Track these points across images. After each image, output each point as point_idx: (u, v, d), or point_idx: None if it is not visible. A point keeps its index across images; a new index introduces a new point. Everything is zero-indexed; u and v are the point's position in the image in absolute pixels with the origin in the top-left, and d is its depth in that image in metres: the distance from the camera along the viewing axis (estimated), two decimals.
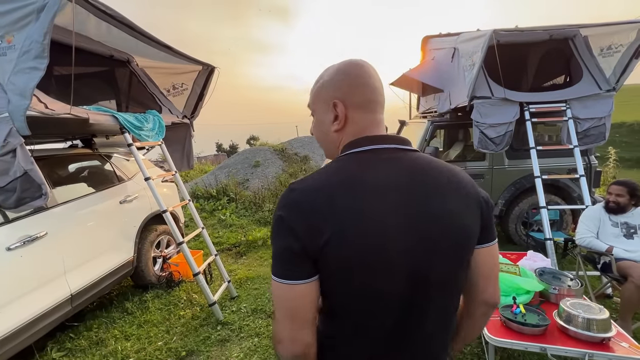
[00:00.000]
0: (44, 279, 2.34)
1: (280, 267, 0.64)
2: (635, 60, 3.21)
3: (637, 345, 1.42)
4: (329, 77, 0.73)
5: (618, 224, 2.49)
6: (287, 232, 0.61)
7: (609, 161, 8.84)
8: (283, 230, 0.62)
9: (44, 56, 1.77)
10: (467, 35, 3.84)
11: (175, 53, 3.10)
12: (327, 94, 0.73)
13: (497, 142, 3.46)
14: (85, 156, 3.19)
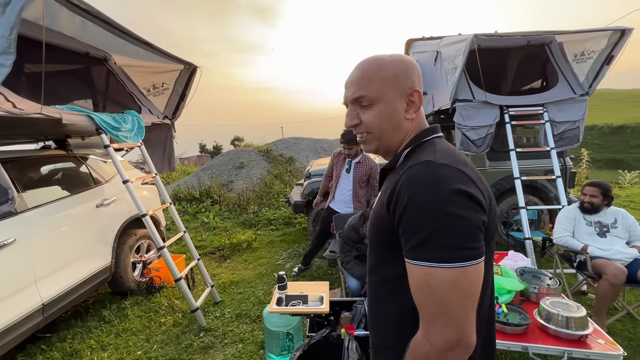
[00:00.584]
0: (13, 288, 2.20)
1: (465, 247, 0.58)
2: (607, 66, 3.36)
3: (612, 342, 1.47)
4: (404, 67, 0.74)
5: (592, 223, 2.59)
6: (476, 205, 0.60)
7: (582, 162, 9.24)
8: (472, 204, 0.60)
9: (10, 52, 1.67)
10: (449, 39, 3.91)
11: (155, 50, 3.00)
12: (404, 83, 0.74)
13: (478, 144, 3.54)
14: (58, 158, 3.04)
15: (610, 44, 3.27)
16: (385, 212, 0.68)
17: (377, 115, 0.74)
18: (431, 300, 0.60)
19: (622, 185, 8.52)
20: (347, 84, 0.78)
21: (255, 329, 2.67)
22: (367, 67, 0.75)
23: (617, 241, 2.46)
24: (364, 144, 0.80)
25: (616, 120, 27.58)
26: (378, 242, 0.76)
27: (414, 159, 0.70)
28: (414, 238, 0.61)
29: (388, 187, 0.71)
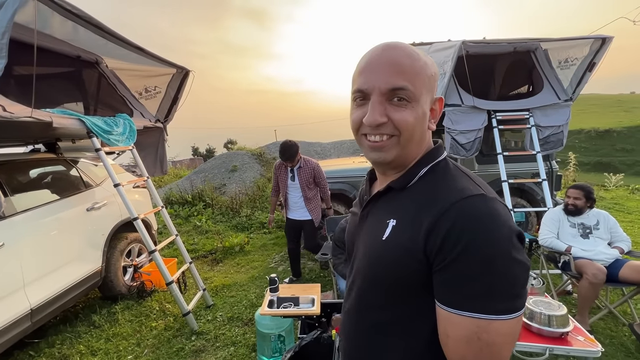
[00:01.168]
0: (0, 293, 2.17)
1: (523, 295, 0.53)
2: (589, 73, 3.48)
3: (592, 339, 1.53)
4: (435, 69, 0.64)
5: (575, 225, 2.67)
6: (524, 249, 0.54)
7: (569, 165, 9.45)
8: (522, 248, 0.53)
9: (1, 56, 1.68)
10: (438, 45, 4.00)
11: (147, 54, 3.01)
12: (435, 88, 0.65)
13: (467, 148, 3.62)
14: (48, 161, 3.02)
15: (592, 52, 3.39)
16: (418, 248, 0.56)
17: (414, 116, 0.60)
18: (482, 355, 0.52)
19: (608, 188, 8.74)
20: (376, 67, 0.60)
21: (247, 332, 2.68)
22: (408, 55, 0.60)
23: (599, 242, 2.55)
24: (379, 150, 0.62)
25: (603, 125, 28.25)
26: (396, 280, 0.60)
27: (445, 186, 0.60)
28: (468, 286, 0.51)
29: (416, 216, 0.59)
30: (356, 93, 0.63)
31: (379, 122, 0.60)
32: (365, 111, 0.61)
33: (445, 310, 0.54)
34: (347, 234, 0.82)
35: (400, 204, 0.64)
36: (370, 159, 0.67)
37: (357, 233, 0.74)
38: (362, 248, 0.69)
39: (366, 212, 0.72)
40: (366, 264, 0.66)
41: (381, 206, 0.68)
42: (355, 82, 0.63)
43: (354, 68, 0.66)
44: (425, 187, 0.62)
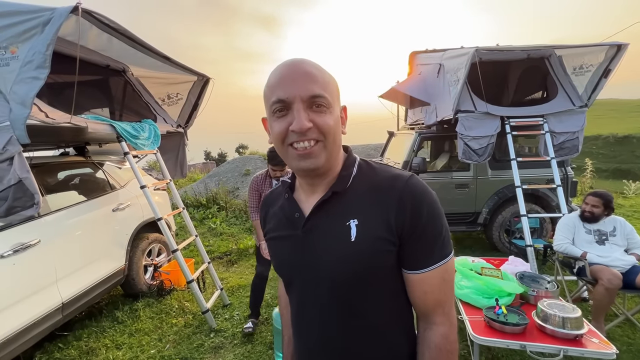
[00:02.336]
0: (36, 287, 2.32)
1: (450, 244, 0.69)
2: (605, 79, 3.47)
3: (606, 341, 1.55)
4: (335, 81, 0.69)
5: (591, 231, 2.66)
6: None
7: (586, 172, 9.26)
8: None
9: (45, 66, 1.83)
10: (451, 52, 4.06)
11: (172, 63, 3.17)
12: (339, 95, 0.70)
13: (480, 154, 3.65)
14: (78, 164, 3.19)
15: (608, 58, 3.39)
16: (391, 232, 0.64)
17: (333, 120, 0.64)
18: (447, 291, 0.68)
19: (627, 195, 8.52)
20: (293, 78, 0.62)
21: (264, 331, 2.76)
22: (316, 68, 0.65)
23: (615, 249, 2.54)
24: (308, 157, 0.63)
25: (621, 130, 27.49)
26: (373, 272, 0.66)
27: (382, 177, 0.69)
28: (435, 243, 0.65)
29: (375, 207, 0.66)
30: (276, 104, 0.63)
31: (307, 126, 0.61)
32: (289, 121, 0.63)
33: (420, 274, 0.66)
34: (283, 262, 0.76)
35: (350, 204, 0.68)
36: (300, 169, 0.66)
37: (302, 252, 0.70)
38: (320, 261, 0.67)
39: (310, 225, 0.69)
40: (334, 272, 0.66)
41: (327, 214, 0.68)
42: (273, 94, 0.63)
43: (265, 85, 0.67)
44: (363, 184, 0.69)
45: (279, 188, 0.84)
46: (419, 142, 4.43)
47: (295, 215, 0.72)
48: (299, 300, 0.75)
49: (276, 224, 0.77)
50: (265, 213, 0.85)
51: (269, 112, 0.66)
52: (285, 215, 0.75)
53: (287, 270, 0.76)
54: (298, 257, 0.71)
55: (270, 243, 0.80)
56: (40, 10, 1.82)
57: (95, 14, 2.01)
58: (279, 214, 0.77)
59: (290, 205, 0.74)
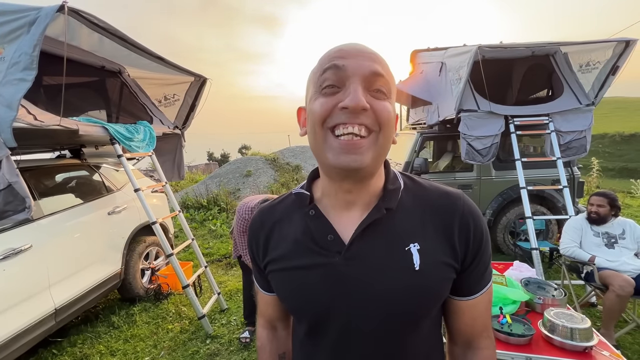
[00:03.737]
0: (28, 293, 2.27)
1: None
2: (612, 76, 3.36)
3: (618, 354, 1.46)
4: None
5: (599, 234, 2.57)
6: None
7: (592, 171, 9.11)
8: None
9: (32, 68, 1.78)
10: (453, 50, 3.97)
11: (167, 64, 3.12)
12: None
13: (483, 154, 3.55)
14: (73, 167, 3.15)
15: (615, 55, 3.29)
16: (455, 259, 0.56)
17: (393, 111, 0.52)
18: (490, 313, 0.65)
19: (635, 195, 8.36)
20: (356, 51, 0.51)
21: None
22: (377, 53, 0.53)
23: (625, 252, 2.44)
24: (353, 149, 0.49)
25: (628, 129, 27.14)
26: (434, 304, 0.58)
27: (431, 192, 0.60)
28: (487, 267, 0.61)
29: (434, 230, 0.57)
30: (328, 72, 0.50)
31: (363, 104, 0.48)
32: (339, 98, 0.49)
33: (472, 300, 0.60)
34: (309, 300, 0.58)
35: (404, 225, 0.56)
36: (339, 165, 0.50)
37: (343, 285, 0.56)
38: (373, 295, 0.55)
39: (356, 250, 0.56)
40: (393, 306, 0.55)
41: (376, 236, 0.56)
42: (325, 62, 0.51)
43: (314, 68, 0.54)
44: (411, 201, 0.58)
45: (286, 201, 0.66)
46: (421, 142, 4.34)
47: (327, 237, 0.57)
48: (334, 347, 0.59)
49: (292, 249, 0.60)
50: (266, 236, 0.64)
51: (314, 89, 0.53)
52: (310, 237, 0.58)
53: (317, 309, 0.58)
54: (336, 292, 0.56)
55: (281, 275, 0.61)
56: (26, 10, 1.77)
57: (82, 13, 1.96)
58: (298, 236, 0.60)
59: (319, 224, 0.58)
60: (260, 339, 0.76)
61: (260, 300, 0.75)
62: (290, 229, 0.61)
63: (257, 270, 0.70)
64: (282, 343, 0.76)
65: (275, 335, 0.76)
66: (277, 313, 0.74)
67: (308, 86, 0.56)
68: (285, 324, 0.77)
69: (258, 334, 0.77)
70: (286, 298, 0.63)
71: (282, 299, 0.65)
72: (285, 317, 0.76)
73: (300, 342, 0.67)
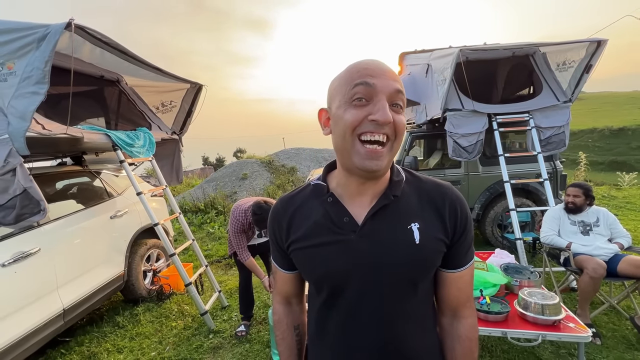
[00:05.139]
0: (37, 294, 2.39)
1: None
2: (587, 74, 3.56)
3: (582, 325, 1.62)
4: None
5: (576, 223, 2.75)
6: None
7: (580, 165, 9.36)
8: None
9: (44, 82, 1.91)
10: (438, 52, 4.15)
11: (164, 74, 3.25)
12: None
13: (469, 151, 3.73)
14: (75, 173, 3.27)
15: (589, 54, 3.49)
16: (447, 236, 0.70)
17: (404, 121, 0.66)
18: (472, 287, 0.78)
19: (621, 187, 8.61)
20: (381, 70, 0.63)
21: (262, 330, 2.82)
22: (394, 71, 0.66)
23: (598, 238, 2.62)
24: (376, 157, 0.63)
25: (616, 123, 27.68)
26: (429, 274, 0.72)
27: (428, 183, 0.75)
28: (470, 245, 0.74)
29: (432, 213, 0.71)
30: (359, 87, 0.62)
31: (390, 119, 0.61)
32: (368, 110, 0.62)
33: (458, 272, 0.73)
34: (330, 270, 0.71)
35: (406, 208, 0.71)
36: (364, 167, 0.64)
37: (358, 257, 0.69)
38: (383, 264, 0.68)
39: (368, 229, 0.69)
40: (398, 274, 0.68)
41: (384, 218, 0.70)
42: (357, 77, 0.63)
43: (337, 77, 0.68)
44: (411, 190, 0.73)
45: (305, 191, 0.79)
46: (411, 141, 4.52)
47: (344, 219, 0.70)
48: (349, 308, 0.71)
49: (313, 229, 0.72)
50: (288, 221, 0.76)
51: (343, 99, 0.64)
52: (329, 219, 0.71)
53: (337, 277, 0.71)
54: (352, 262, 0.69)
55: (305, 252, 0.74)
56: (34, 27, 1.90)
57: (87, 30, 2.09)
58: (318, 219, 0.72)
59: (336, 208, 0.71)
60: (277, 313, 0.88)
61: (278, 279, 0.86)
62: (310, 213, 0.74)
63: (278, 251, 0.81)
64: (296, 316, 0.88)
65: (291, 310, 0.88)
66: (293, 289, 0.86)
67: (333, 93, 0.68)
68: (299, 299, 0.89)
69: (275, 309, 0.89)
70: (310, 270, 0.75)
71: (306, 272, 0.77)
72: (300, 293, 0.89)
73: (317, 310, 0.78)
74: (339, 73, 0.68)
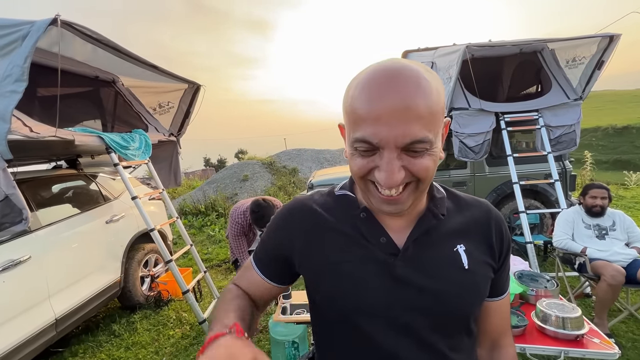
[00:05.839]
0: (28, 304, 2.29)
1: None
2: (598, 71, 3.43)
3: (608, 341, 1.50)
4: (441, 85, 0.52)
5: (591, 226, 2.62)
6: None
7: (586, 164, 9.20)
8: None
9: (23, 79, 1.79)
10: (443, 50, 4.03)
11: (160, 72, 3.14)
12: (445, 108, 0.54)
13: (476, 151, 3.61)
14: (70, 177, 3.16)
15: (600, 50, 3.36)
16: (494, 260, 0.62)
17: (434, 160, 0.51)
18: (510, 312, 0.72)
19: (628, 187, 8.45)
20: (388, 114, 0.46)
21: (262, 339, 2.71)
22: (422, 90, 0.46)
23: (615, 243, 2.49)
24: (395, 203, 0.52)
25: (620, 121, 27.43)
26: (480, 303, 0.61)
27: (467, 200, 0.66)
28: (509, 270, 0.67)
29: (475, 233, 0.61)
30: (358, 144, 0.49)
31: (397, 182, 0.49)
32: (375, 162, 0.50)
33: (500, 300, 0.66)
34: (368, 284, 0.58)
35: (450, 228, 0.61)
36: (381, 211, 0.55)
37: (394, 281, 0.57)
38: (425, 292, 0.57)
39: (411, 252, 0.58)
40: (444, 305, 0.57)
41: (429, 238, 0.59)
42: (356, 127, 0.49)
43: (345, 94, 0.53)
44: (451, 207, 0.64)
45: (328, 199, 0.67)
46: None
47: (380, 239, 0.59)
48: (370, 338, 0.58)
49: (342, 246, 0.60)
50: (306, 230, 0.64)
51: (349, 141, 0.53)
52: (361, 236, 0.60)
53: (369, 300, 0.57)
54: (390, 289, 0.57)
55: (328, 268, 0.61)
56: (20, 24, 1.80)
57: (75, 25, 1.99)
58: (349, 234, 0.61)
59: (370, 226, 0.60)
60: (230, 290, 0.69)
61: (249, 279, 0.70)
62: (336, 226, 0.62)
63: (274, 258, 0.67)
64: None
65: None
66: (262, 298, 0.70)
67: (344, 116, 0.54)
68: (261, 310, 0.73)
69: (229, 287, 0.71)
70: (332, 290, 0.60)
71: (326, 292, 0.61)
72: (265, 304, 0.73)
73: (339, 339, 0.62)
74: (351, 82, 0.52)
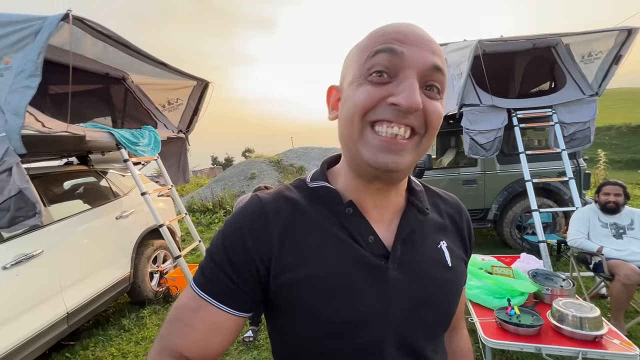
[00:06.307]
0: (40, 297, 2.32)
1: None
2: (615, 66, 3.33)
3: (629, 342, 1.45)
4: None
5: (607, 225, 2.54)
6: None
7: (599, 163, 8.99)
8: None
9: (36, 74, 1.81)
10: (454, 45, 3.96)
11: (170, 69, 3.16)
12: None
13: (487, 148, 3.54)
14: (81, 173, 3.20)
15: (618, 44, 3.26)
16: (466, 254, 0.61)
17: (441, 111, 0.46)
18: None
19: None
20: (413, 38, 0.43)
21: (269, 336, 2.70)
22: (436, 42, 0.45)
23: (633, 242, 2.41)
24: (394, 149, 0.44)
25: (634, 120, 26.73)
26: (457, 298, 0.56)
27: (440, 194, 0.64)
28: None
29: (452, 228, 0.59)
30: (380, 55, 0.43)
31: (419, 105, 0.42)
32: (389, 91, 0.43)
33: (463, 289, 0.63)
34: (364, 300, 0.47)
35: (432, 223, 0.56)
36: (376, 164, 0.44)
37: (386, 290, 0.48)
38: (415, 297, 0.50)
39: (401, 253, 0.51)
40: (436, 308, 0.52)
41: (414, 236, 0.53)
42: (378, 42, 0.43)
43: (359, 44, 0.47)
44: (431, 200, 0.60)
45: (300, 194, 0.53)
46: None
47: (369, 239, 0.50)
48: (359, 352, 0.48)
49: (329, 249, 0.49)
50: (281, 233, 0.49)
51: (358, 72, 0.45)
52: (350, 237, 0.49)
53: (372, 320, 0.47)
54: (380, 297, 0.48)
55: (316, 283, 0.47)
56: (32, 19, 1.82)
57: (86, 21, 2.00)
58: (336, 234, 0.49)
59: (357, 224, 0.50)
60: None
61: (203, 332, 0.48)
62: (317, 227, 0.50)
63: (236, 279, 0.47)
64: None
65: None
66: (219, 346, 0.50)
67: (348, 65, 0.48)
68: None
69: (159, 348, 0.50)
70: (325, 310, 0.47)
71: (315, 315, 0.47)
72: (220, 353, 0.51)
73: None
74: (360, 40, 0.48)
